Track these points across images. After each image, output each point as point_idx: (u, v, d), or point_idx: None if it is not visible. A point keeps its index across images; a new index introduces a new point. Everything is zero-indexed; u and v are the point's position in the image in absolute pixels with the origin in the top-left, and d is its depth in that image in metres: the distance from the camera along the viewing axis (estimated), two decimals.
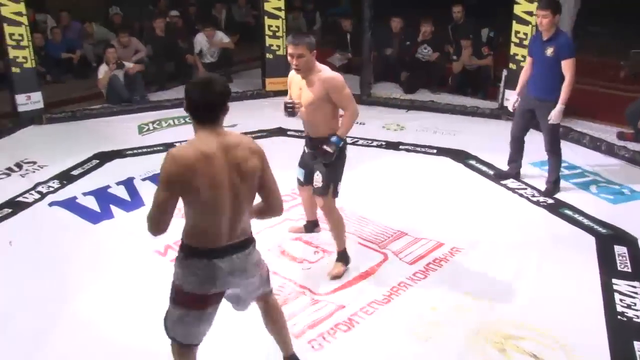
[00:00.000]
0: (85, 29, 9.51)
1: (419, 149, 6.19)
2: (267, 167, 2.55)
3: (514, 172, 5.39)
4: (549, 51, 4.74)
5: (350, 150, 3.93)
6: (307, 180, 3.97)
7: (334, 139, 3.69)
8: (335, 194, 3.84)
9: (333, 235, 3.95)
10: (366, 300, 3.66)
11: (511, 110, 5.25)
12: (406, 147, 6.25)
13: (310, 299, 3.68)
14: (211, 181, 2.37)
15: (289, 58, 3.61)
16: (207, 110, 2.41)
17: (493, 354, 3.06)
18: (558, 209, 4.83)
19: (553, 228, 4.58)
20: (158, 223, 2.41)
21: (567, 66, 4.68)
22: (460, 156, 5.94)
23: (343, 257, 3.96)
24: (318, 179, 3.78)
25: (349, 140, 6.32)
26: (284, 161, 3.97)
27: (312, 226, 4.44)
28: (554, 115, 4.78)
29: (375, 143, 6.39)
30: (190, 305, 2.52)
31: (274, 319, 2.90)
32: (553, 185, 5.10)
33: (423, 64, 8.15)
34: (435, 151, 6.10)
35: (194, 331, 2.58)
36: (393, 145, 6.31)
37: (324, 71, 3.64)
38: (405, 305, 3.63)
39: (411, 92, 8.01)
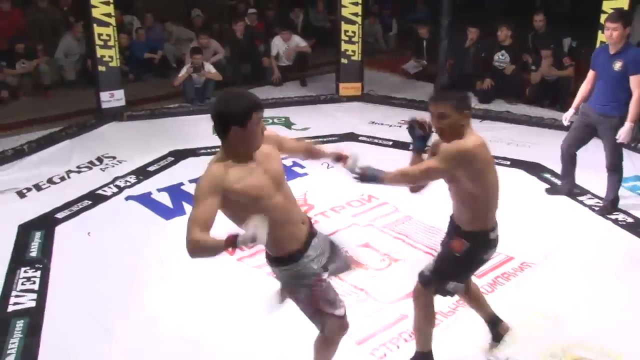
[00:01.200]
0: (166, 29, 9.83)
1: None
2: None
3: (566, 188, 5.16)
4: (617, 65, 4.47)
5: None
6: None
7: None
8: (438, 290, 2.98)
9: (414, 329, 3.11)
10: None
11: (565, 124, 5.00)
12: None
13: (375, 307, 3.66)
14: None
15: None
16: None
17: None
18: (638, 228, 4.61)
19: (632, 248, 4.36)
20: None
21: (636, 82, 4.41)
22: (535, 169, 5.77)
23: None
24: (429, 265, 3.03)
25: None
26: None
27: (493, 326, 3.28)
28: (624, 134, 4.52)
29: None
30: None
31: None
32: (611, 204, 4.86)
33: (499, 72, 7.96)
34: (509, 163, 5.93)
35: None
36: None
37: (468, 137, 2.73)
38: (471, 319, 3.53)
39: (486, 102, 7.84)
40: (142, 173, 5.75)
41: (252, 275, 3.99)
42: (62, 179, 5.66)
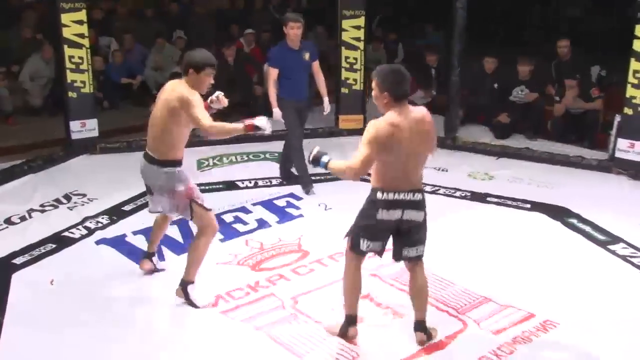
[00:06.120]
0: (157, 43, 9.85)
1: (509, 202, 6.06)
2: (187, 107, 3.88)
3: (310, 185, 6.26)
4: (307, 56, 6.04)
5: (430, 201, 3.86)
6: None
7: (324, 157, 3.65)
8: (354, 247, 3.72)
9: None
10: None
11: (279, 119, 6.10)
12: (495, 199, 6.14)
13: None
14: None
15: None
16: None
17: None
18: None
19: None
20: None
21: (317, 65, 6.21)
22: (559, 213, 5.78)
23: (347, 323, 3.84)
24: None
25: (428, 188, 6.30)
26: (352, 204, 3.96)
27: (415, 328, 3.93)
28: (329, 106, 6.40)
29: (458, 193, 6.32)
30: None
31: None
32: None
33: (518, 106, 8.04)
34: (529, 206, 5.96)
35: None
36: (479, 197, 6.22)
37: (386, 116, 3.60)
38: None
39: (503, 138, 7.90)
40: (116, 213, 5.73)
41: (237, 329, 3.97)
42: (23, 218, 5.62)
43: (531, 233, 5.43)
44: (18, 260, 4.82)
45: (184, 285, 4.18)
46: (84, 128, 7.33)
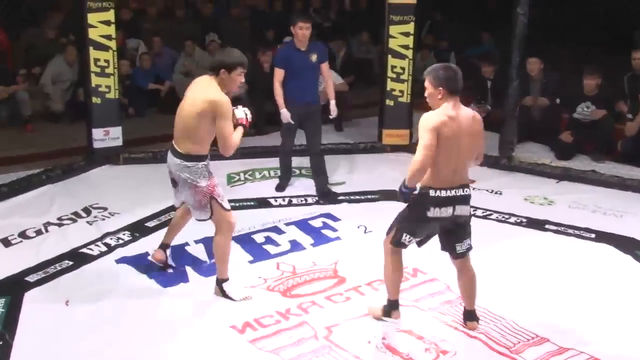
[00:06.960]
0: (187, 46, 10.00)
1: (571, 231, 5.96)
2: (220, 116, 4.26)
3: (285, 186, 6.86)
4: (314, 57, 6.35)
5: (481, 226, 3.83)
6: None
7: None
8: (396, 242, 4.13)
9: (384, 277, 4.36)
10: None
11: (291, 122, 6.44)
12: (554, 227, 6.05)
13: None
14: None
15: None
16: None
17: None
18: None
19: None
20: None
21: (326, 67, 6.58)
22: (629, 245, 5.66)
23: (389, 307, 4.34)
24: None
25: (479, 212, 6.25)
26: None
27: (464, 318, 4.42)
28: (336, 109, 6.67)
29: (513, 219, 6.24)
30: None
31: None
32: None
33: (583, 124, 7.94)
34: (593, 236, 5.86)
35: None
36: (537, 224, 6.13)
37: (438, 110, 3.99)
38: None
39: (566, 159, 7.80)
40: (139, 229, 5.79)
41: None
42: (39, 232, 5.70)
43: (596, 266, 5.33)
44: (31, 278, 4.86)
45: (219, 283, 4.64)
46: (107, 136, 7.42)
